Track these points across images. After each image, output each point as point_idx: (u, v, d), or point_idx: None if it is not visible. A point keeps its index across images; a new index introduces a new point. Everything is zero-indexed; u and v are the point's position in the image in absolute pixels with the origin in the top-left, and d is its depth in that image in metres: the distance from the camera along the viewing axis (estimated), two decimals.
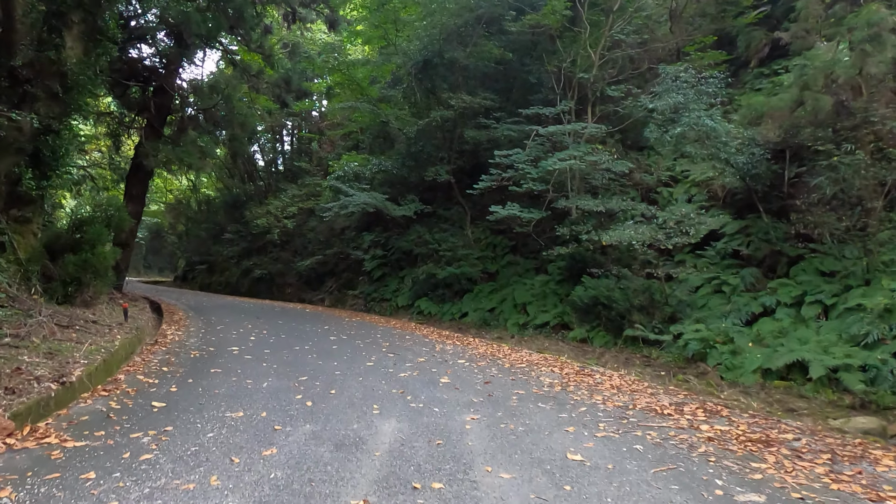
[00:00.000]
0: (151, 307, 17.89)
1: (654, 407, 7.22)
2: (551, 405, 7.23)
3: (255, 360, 9.65)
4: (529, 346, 13.96)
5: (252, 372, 8.63)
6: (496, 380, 8.69)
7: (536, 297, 17.57)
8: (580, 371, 9.61)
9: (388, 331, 14.63)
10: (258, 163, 33.97)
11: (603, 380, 8.90)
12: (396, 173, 21.96)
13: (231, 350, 10.52)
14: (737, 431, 6.16)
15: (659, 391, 8.29)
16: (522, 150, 16.92)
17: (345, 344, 11.87)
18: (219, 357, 9.82)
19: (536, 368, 9.83)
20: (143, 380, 7.92)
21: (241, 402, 6.89)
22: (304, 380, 8.20)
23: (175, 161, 17.50)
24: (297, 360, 9.68)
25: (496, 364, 10.16)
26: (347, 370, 9.01)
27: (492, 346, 12.46)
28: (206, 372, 8.55)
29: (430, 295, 20.47)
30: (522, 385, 8.39)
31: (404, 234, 22.34)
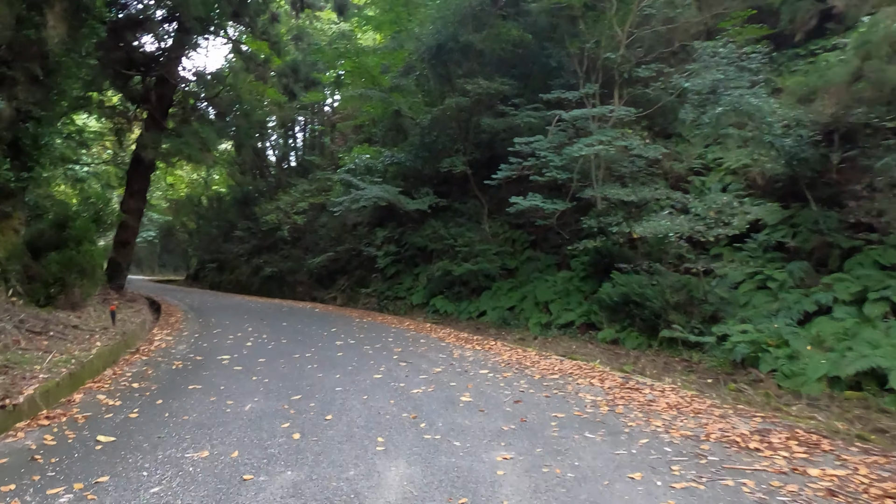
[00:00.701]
0: (151, 308, 16.40)
1: (733, 437, 5.55)
2: (602, 435, 5.58)
3: (245, 372, 8.06)
4: (555, 349, 12.38)
5: (237, 389, 7.05)
6: (528, 397, 7.04)
7: (559, 295, 15.97)
8: (624, 384, 7.94)
9: (400, 333, 13.02)
10: (270, 158, 32.41)
11: (655, 396, 7.23)
12: (410, 165, 20.34)
13: (221, 359, 8.96)
14: (860, 479, 4.48)
15: (729, 412, 6.61)
16: (544, 137, 15.25)
17: (352, 350, 10.27)
18: (204, 368, 8.25)
19: (572, 380, 8.17)
20: (102, 401, 6.36)
21: (211, 434, 5.30)
22: (296, 399, 6.60)
23: (174, 153, 15.97)
24: (294, 372, 8.10)
25: (524, 374, 8.52)
26: (351, 385, 7.40)
27: (517, 352, 10.82)
28: (182, 389, 6.98)
29: (445, 293, 18.91)
30: (560, 404, 6.74)
31: (418, 229, 20.74)
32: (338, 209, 19.50)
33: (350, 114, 25.26)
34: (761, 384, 9.90)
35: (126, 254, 18.20)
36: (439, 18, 18.16)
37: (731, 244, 13.45)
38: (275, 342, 10.85)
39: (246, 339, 11.04)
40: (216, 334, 11.68)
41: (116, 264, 18.06)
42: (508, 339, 14.01)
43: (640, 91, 15.88)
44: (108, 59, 17.44)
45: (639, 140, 13.92)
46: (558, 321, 14.99)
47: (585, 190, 14.58)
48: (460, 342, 11.90)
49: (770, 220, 13.01)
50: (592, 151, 13.54)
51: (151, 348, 9.82)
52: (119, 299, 15.19)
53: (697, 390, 8.41)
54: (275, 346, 10.43)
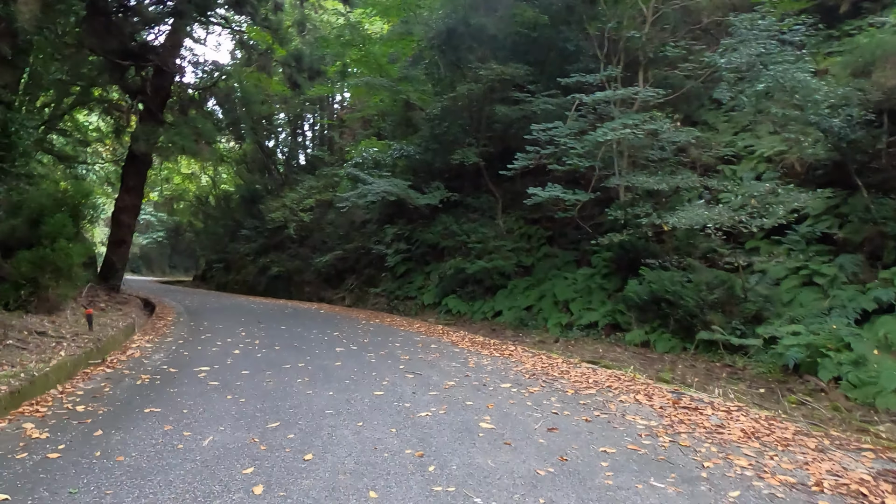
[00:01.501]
0: (145, 310, 14.91)
1: (852, 485, 3.95)
2: (674, 483, 4.00)
3: (221, 388, 6.53)
4: (580, 353, 10.88)
5: (203, 413, 5.52)
6: (564, 422, 5.46)
7: (580, 294, 14.45)
8: (677, 402, 6.33)
9: (409, 337, 11.47)
10: (278, 156, 30.84)
11: (721, 419, 5.63)
12: (419, 159, 18.79)
13: (198, 372, 7.42)
14: None
15: (824, 442, 5.00)
16: (563, 124, 13.69)
17: (353, 358, 8.72)
18: (174, 384, 6.72)
19: (613, 396, 6.58)
20: (25, 433, 4.86)
21: (143, 486, 3.78)
22: (273, 429, 5.06)
23: (168, 145, 14.48)
24: (279, 389, 6.54)
25: (554, 389, 6.93)
26: (345, 406, 5.85)
27: (540, 359, 9.24)
28: (135, 414, 5.46)
29: (458, 292, 17.37)
30: (607, 433, 5.16)
31: (429, 225, 19.21)
32: (344, 205, 18.00)
33: (358, 107, 23.78)
34: (824, 395, 8.35)
35: (122, 253, 16.75)
36: (449, 1, 16.63)
37: (768, 237, 11.94)
38: (267, 349, 9.31)
39: (235, 346, 9.51)
40: (203, 340, 10.15)
41: (111, 264, 16.62)
42: (527, 342, 12.52)
43: (666, 72, 14.27)
44: (103, 48, 16.05)
45: (669, 123, 12.29)
46: (580, 321, 13.54)
47: (609, 179, 12.99)
48: (476, 347, 10.32)
49: (812, 209, 11.46)
50: (618, 136, 11.98)
51: (123, 358, 8.30)
52: (108, 302, 13.76)
53: (758, 405, 6.84)
54: (265, 354, 8.88)
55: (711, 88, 15.07)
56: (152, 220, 38.64)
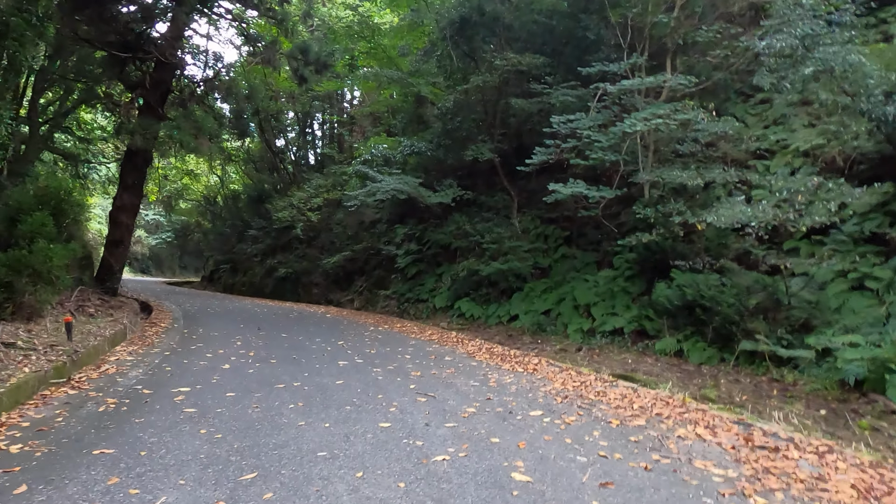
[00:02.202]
0: (139, 315, 13.73)
1: None
2: None
3: (196, 419, 5.31)
4: (608, 363, 9.70)
5: (163, 457, 4.31)
6: (618, 471, 4.20)
7: (602, 297, 13.27)
8: (749, 437, 5.05)
9: (421, 347, 10.23)
10: (286, 153, 29.56)
11: (816, 466, 4.35)
12: (431, 155, 17.55)
13: (175, 394, 6.21)
14: None
15: None
16: (585, 115, 12.47)
17: (357, 375, 7.49)
18: (141, 412, 5.51)
19: (667, 429, 5.32)
20: None
21: None
22: (247, 482, 3.85)
23: (165, 140, 13.30)
24: (265, 419, 5.32)
25: (594, 418, 5.67)
26: (342, 445, 4.63)
27: (570, 375, 7.98)
28: (78, 458, 4.27)
29: (472, 295, 16.18)
30: (677, 489, 3.90)
31: (441, 225, 18.00)
32: (353, 203, 16.79)
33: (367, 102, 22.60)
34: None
35: (120, 254, 15.62)
36: None
37: (808, 237, 10.71)
38: (261, 363, 8.09)
39: (226, 359, 8.30)
40: (193, 351, 8.95)
41: (108, 265, 15.48)
42: (548, 350, 11.33)
43: (696, 60, 12.99)
44: (101, 39, 14.92)
45: (704, 113, 11.02)
46: (603, 327, 12.38)
47: (636, 175, 11.73)
48: (495, 360, 9.06)
49: (858, 206, 10.19)
50: (649, 127, 10.71)
51: (95, 374, 7.11)
52: (101, 307, 12.61)
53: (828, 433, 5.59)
54: (258, 369, 7.65)
55: (741, 79, 13.84)
56: (161, 221, 37.57)
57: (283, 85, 21.93)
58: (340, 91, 26.57)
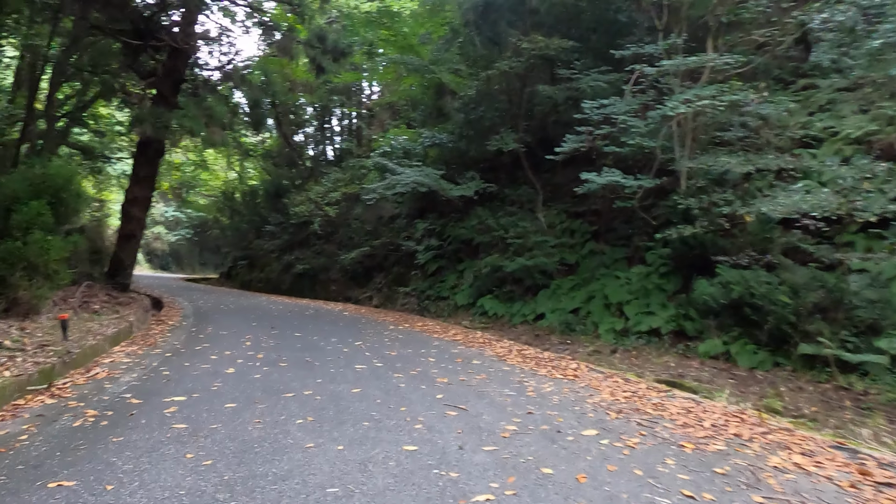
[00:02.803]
0: (148, 312, 12.84)
1: None
2: None
3: (185, 438, 4.38)
4: (649, 366, 8.81)
5: (134, 492, 3.41)
6: None
7: (635, 295, 12.28)
8: (865, 471, 4.01)
9: (445, 349, 9.24)
10: (304, 149, 28.60)
11: None
12: (452, 147, 16.57)
13: (167, 404, 5.28)
14: None
15: None
16: (620, 100, 11.44)
17: (376, 381, 6.53)
18: (122, 428, 4.61)
19: (755, 455, 4.30)
20: None
21: None
22: None
23: (175, 128, 12.40)
24: (267, 439, 4.37)
25: (660, 438, 4.66)
26: (358, 477, 3.71)
27: (616, 383, 6.98)
28: (27, 494, 3.33)
29: (495, 292, 15.20)
30: None
31: (463, 219, 17.00)
32: (371, 197, 15.83)
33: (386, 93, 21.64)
34: None
35: (131, 248, 14.80)
36: None
37: (864, 230, 9.61)
38: (269, 367, 7.14)
39: (232, 362, 7.35)
40: (197, 352, 8.03)
41: (119, 260, 14.66)
42: (580, 352, 10.35)
43: (740, 38, 11.87)
44: (112, 27, 14.09)
45: (755, 94, 9.94)
46: (638, 327, 11.40)
47: (675, 162, 10.68)
48: (529, 364, 8.06)
49: None
50: (693, 109, 9.65)
51: (82, 380, 6.20)
52: (108, 303, 11.79)
53: None
54: (266, 374, 6.70)
55: (780, 64, 12.74)
56: (181, 217, 36.85)
57: (299, 75, 20.99)
58: (359, 83, 25.59)
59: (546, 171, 16.20)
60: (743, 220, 10.11)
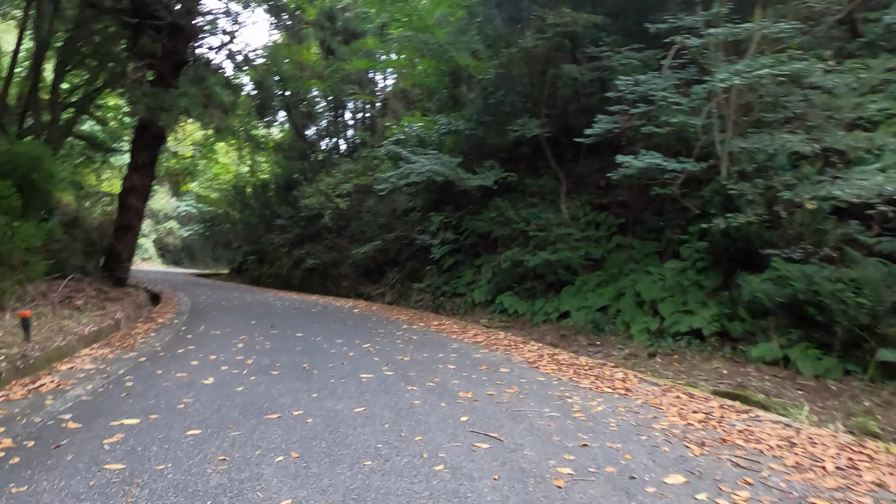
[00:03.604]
0: (141, 309, 11.57)
1: None
2: None
3: (112, 491, 3.02)
4: (697, 373, 7.45)
5: None
6: None
7: (670, 292, 10.89)
8: None
9: (466, 353, 7.89)
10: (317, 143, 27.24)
11: None
12: (470, 134, 15.23)
13: (110, 431, 3.93)
14: None
15: None
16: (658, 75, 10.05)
17: (385, 397, 5.22)
18: (34, 470, 3.33)
19: None
20: None
21: None
22: None
23: (170, 107, 11.10)
24: (227, 491, 2.98)
25: (777, 492, 3.29)
26: None
27: (679, 398, 5.58)
28: None
29: (515, 288, 13.86)
30: None
31: (480, 211, 15.67)
32: (384, 187, 14.52)
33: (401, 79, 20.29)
34: None
35: (128, 240, 13.57)
36: None
37: None
38: (258, 376, 5.82)
39: (214, 369, 6.05)
40: (178, 357, 6.74)
41: (116, 253, 13.44)
42: (614, 355, 9.07)
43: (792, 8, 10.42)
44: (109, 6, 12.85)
45: (821, 64, 8.51)
46: (675, 328, 9.98)
47: (721, 143, 9.28)
48: (565, 372, 6.72)
49: None
50: (748, 81, 8.24)
51: (21, 393, 4.95)
52: (95, 298, 10.55)
53: None
54: (251, 386, 5.38)
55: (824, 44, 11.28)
56: (193, 212, 35.63)
57: (308, 58, 19.59)
58: (372, 72, 24.17)
59: (568, 160, 14.88)
60: (797, 209, 8.70)
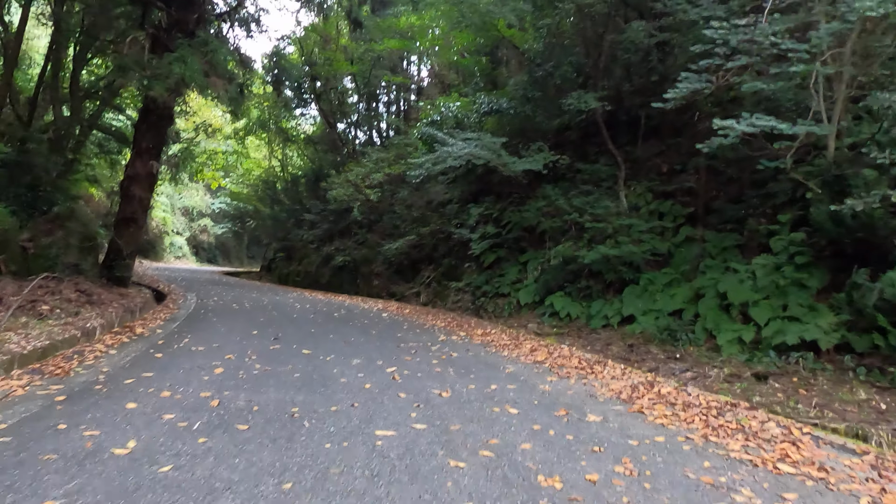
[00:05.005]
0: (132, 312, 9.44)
1: None
2: None
3: None
4: (853, 414, 4.86)
5: None
6: None
7: (763, 294, 8.46)
8: None
9: (528, 380, 5.59)
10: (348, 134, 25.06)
11: None
12: (515, 114, 12.81)
13: None
14: None
15: None
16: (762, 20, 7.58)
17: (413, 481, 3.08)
18: None
19: None
20: None
21: None
22: None
23: (165, 75, 8.94)
24: None
25: None
26: None
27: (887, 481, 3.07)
28: None
29: (567, 288, 11.51)
30: None
31: (524, 202, 13.37)
32: (418, 173, 12.23)
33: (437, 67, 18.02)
34: None
35: (132, 235, 11.54)
36: None
37: None
38: (214, 434, 3.64)
39: (150, 422, 3.84)
40: (119, 390, 4.57)
41: (117, 249, 11.42)
42: (711, 377, 6.61)
43: None
44: None
45: None
46: (777, 338, 7.62)
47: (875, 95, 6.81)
48: (687, 419, 4.33)
49: None
50: None
51: None
52: (75, 301, 8.54)
53: None
54: (190, 460, 3.18)
55: None
56: (227, 209, 33.81)
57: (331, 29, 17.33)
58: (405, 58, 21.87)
59: (624, 143, 12.52)
60: None
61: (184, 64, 8.70)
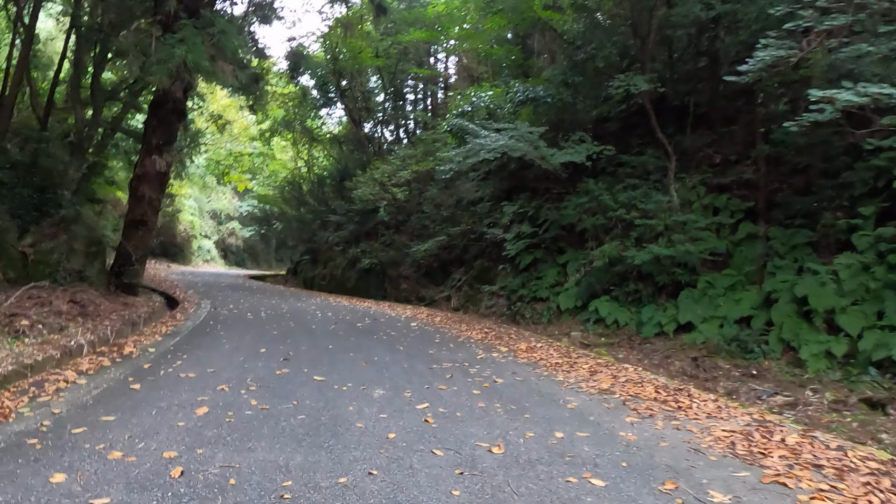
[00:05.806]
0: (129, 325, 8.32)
1: None
2: None
3: None
4: None
5: None
6: None
7: (851, 298, 7.17)
8: None
9: (602, 424, 4.24)
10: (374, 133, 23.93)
11: None
12: (552, 103, 11.48)
13: None
14: None
15: None
16: None
17: None
18: None
19: None
20: None
21: None
22: None
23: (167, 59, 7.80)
24: None
25: None
26: None
27: None
28: None
29: (613, 292, 10.25)
30: None
31: (562, 199, 12.07)
32: (448, 168, 11.01)
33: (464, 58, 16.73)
34: None
35: (141, 238, 10.48)
36: None
37: None
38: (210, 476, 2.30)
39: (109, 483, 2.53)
40: (69, 445, 3.31)
41: (125, 254, 10.37)
42: (813, 404, 5.27)
43: None
44: None
45: None
46: (878, 353, 6.28)
47: None
48: (843, 492, 2.85)
49: None
50: None
51: None
52: (63, 315, 7.40)
53: None
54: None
55: None
56: (255, 212, 32.90)
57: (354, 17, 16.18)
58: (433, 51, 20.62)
59: (671, 133, 11.18)
60: None
61: (185, 46, 7.56)
